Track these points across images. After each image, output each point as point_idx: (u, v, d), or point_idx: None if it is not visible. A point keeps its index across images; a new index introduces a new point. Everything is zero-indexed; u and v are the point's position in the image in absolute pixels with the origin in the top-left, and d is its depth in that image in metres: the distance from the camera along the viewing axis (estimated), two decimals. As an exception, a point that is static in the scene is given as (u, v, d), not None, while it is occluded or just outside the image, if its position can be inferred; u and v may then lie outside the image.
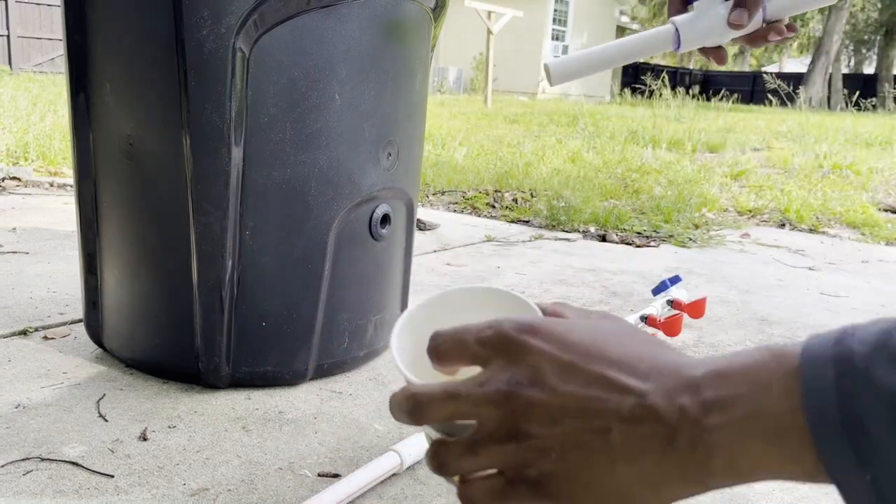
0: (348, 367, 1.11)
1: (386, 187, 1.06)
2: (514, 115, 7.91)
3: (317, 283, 1.01)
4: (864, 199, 3.29)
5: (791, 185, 3.65)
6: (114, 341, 1.09)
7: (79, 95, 1.00)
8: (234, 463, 0.84)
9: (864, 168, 4.28)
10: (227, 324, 0.99)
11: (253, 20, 0.89)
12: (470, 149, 4.41)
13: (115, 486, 0.78)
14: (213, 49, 0.88)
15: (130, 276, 1.03)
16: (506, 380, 0.34)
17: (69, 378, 1.04)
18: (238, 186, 0.94)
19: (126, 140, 0.97)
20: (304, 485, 0.80)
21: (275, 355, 1.02)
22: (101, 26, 0.96)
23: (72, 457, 0.83)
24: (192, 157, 0.92)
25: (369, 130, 1.01)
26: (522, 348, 0.34)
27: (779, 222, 2.83)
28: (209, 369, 1.00)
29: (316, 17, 0.92)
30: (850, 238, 2.63)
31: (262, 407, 0.98)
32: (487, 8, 9.53)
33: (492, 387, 0.34)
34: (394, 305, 1.17)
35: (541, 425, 0.33)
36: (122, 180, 1.01)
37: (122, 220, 1.02)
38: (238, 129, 0.92)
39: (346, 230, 1.02)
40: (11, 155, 3.11)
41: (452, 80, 14.52)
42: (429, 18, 1.09)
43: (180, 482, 0.79)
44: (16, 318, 1.26)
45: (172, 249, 0.98)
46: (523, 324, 0.35)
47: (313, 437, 0.91)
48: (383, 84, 1.01)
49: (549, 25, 15.60)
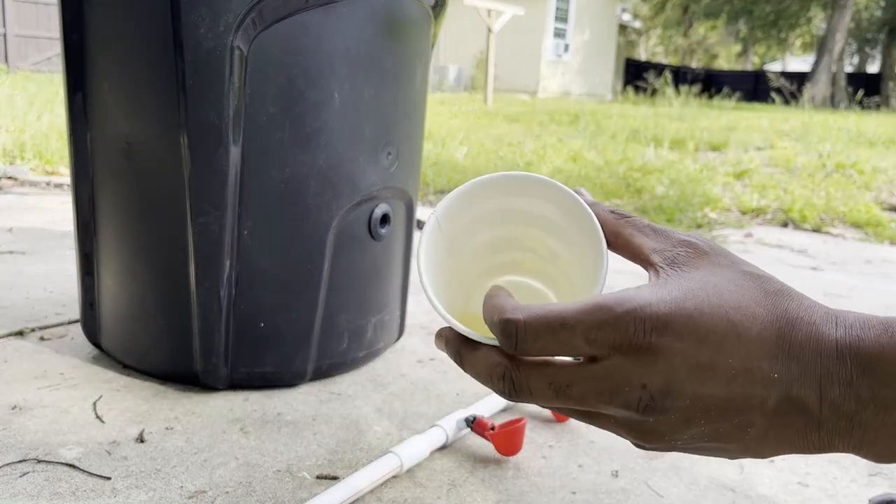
0: (348, 368, 1.10)
1: (385, 187, 1.05)
2: (515, 113, 7.90)
3: (316, 283, 1.01)
4: (868, 199, 3.28)
5: (794, 184, 3.64)
6: (111, 342, 1.08)
7: (76, 94, 1.00)
8: (231, 465, 0.83)
9: (867, 167, 4.26)
10: (226, 324, 0.98)
11: (251, 18, 0.88)
12: (470, 148, 4.40)
13: (112, 489, 0.77)
14: (211, 47, 0.87)
15: (128, 277, 1.02)
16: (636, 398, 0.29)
17: (66, 379, 1.03)
18: (236, 186, 0.93)
19: (123, 139, 0.96)
20: (302, 487, 0.79)
21: (273, 356, 1.01)
22: (98, 25, 0.96)
23: (68, 458, 0.82)
24: (190, 156, 0.91)
25: (369, 129, 1.00)
26: (651, 351, 0.29)
27: (782, 222, 2.82)
28: (207, 370, 0.99)
29: (315, 14, 0.91)
30: (853, 238, 2.61)
31: (260, 408, 0.97)
32: (488, 6, 9.51)
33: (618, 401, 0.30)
34: (393, 306, 1.16)
35: (673, 429, 0.30)
36: (120, 180, 1.00)
37: (119, 220, 1.01)
38: (236, 129, 0.91)
39: (345, 230, 1.02)
40: (8, 154, 3.10)
41: (453, 78, 14.51)
42: (429, 16, 1.08)
43: (177, 484, 0.78)
44: (12, 318, 1.25)
45: (170, 249, 0.97)
46: (651, 320, 0.29)
47: (312, 438, 0.90)
48: (383, 83, 1.00)
49: (550, 23, 15.58)
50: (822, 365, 0.29)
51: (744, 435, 0.30)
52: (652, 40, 27.79)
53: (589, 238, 0.36)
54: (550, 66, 15.65)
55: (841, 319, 0.30)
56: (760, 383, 0.29)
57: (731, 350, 0.29)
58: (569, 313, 0.30)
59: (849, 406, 0.29)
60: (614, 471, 0.86)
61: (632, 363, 0.29)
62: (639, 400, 0.29)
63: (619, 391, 0.30)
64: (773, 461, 0.91)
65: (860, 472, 0.89)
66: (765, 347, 0.29)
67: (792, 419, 0.30)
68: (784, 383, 0.29)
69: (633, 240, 0.35)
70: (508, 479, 0.83)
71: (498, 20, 9.69)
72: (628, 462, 0.88)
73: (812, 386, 0.29)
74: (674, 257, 0.33)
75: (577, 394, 0.30)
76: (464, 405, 1.00)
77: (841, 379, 0.29)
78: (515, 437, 0.86)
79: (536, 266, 0.42)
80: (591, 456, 0.90)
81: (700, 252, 0.33)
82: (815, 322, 0.30)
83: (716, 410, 0.29)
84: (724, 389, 0.29)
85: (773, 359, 0.29)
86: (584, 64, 16.91)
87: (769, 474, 0.88)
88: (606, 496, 0.81)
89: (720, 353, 0.29)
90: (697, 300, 0.30)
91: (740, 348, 0.29)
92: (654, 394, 0.29)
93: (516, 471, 0.85)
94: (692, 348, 0.29)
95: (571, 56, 16.40)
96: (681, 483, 0.84)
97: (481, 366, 0.33)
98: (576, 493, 0.81)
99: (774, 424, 0.30)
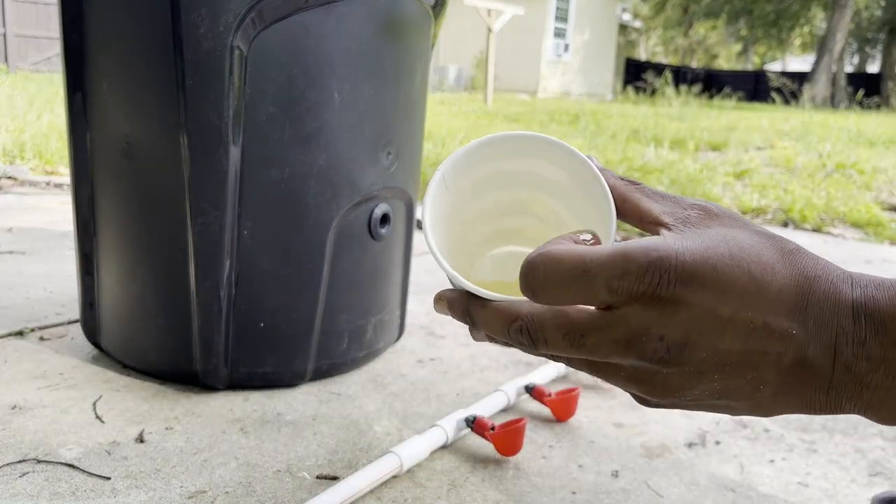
0: (347, 368, 1.10)
1: (385, 187, 1.05)
2: (515, 113, 7.89)
3: (316, 283, 1.01)
4: (868, 199, 3.27)
5: (794, 184, 3.64)
6: (111, 342, 1.08)
7: (76, 94, 1.00)
8: (231, 465, 0.83)
9: (868, 167, 4.26)
10: (225, 324, 0.98)
11: (251, 18, 0.88)
12: (471, 147, 4.39)
13: (112, 489, 0.77)
14: (210, 47, 0.87)
15: (128, 277, 1.02)
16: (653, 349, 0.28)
17: (66, 379, 1.03)
18: (236, 186, 0.93)
19: (123, 139, 0.96)
20: (302, 487, 0.79)
21: (273, 356, 1.01)
22: (98, 25, 0.96)
23: (68, 459, 0.82)
24: (190, 156, 0.91)
25: (369, 129, 1.00)
26: (673, 302, 0.28)
27: (782, 222, 2.82)
28: (207, 370, 0.99)
29: (315, 14, 0.91)
30: (853, 238, 2.61)
31: (260, 408, 0.97)
32: (488, 6, 9.50)
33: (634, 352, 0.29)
34: (393, 306, 1.16)
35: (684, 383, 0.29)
36: (120, 180, 1.00)
37: (119, 220, 1.01)
38: (236, 129, 0.91)
39: (345, 230, 1.02)
40: (8, 154, 3.10)
41: (453, 78, 14.51)
42: (429, 16, 1.08)
43: (177, 484, 0.78)
44: (12, 318, 1.25)
45: (170, 249, 0.97)
46: (676, 270, 0.28)
47: (312, 438, 0.90)
48: (383, 82, 1.00)
49: (550, 23, 15.58)
50: (838, 323, 0.29)
51: (755, 392, 0.30)
52: (652, 40, 27.78)
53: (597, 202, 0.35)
54: (550, 65, 15.65)
55: (857, 279, 0.30)
56: (778, 339, 0.29)
57: (751, 304, 0.29)
58: (592, 260, 0.29)
59: (860, 367, 0.29)
60: (614, 471, 0.86)
61: (651, 314, 0.29)
62: (655, 351, 0.29)
63: (636, 342, 0.29)
64: (772, 461, 0.91)
65: (860, 472, 0.89)
66: (784, 303, 0.29)
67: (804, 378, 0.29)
68: (800, 340, 0.29)
69: (641, 204, 0.34)
70: (508, 479, 0.83)
71: (498, 20, 9.68)
72: (628, 462, 0.88)
73: (827, 345, 0.29)
74: (686, 217, 0.32)
75: (591, 343, 0.30)
76: (464, 405, 1.00)
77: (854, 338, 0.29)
78: (515, 437, 0.86)
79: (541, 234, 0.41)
80: (591, 456, 0.89)
81: (712, 214, 0.33)
82: (833, 280, 0.30)
83: (731, 365, 0.29)
84: (741, 344, 0.29)
85: (791, 315, 0.29)
86: (584, 64, 16.90)
87: (769, 474, 0.88)
88: (606, 496, 0.81)
89: (741, 307, 0.28)
90: (719, 252, 0.29)
91: (761, 302, 0.29)
92: (671, 346, 0.28)
93: (516, 471, 0.85)
94: (714, 300, 0.28)
95: (571, 56, 16.40)
96: (681, 483, 0.84)
97: (495, 321, 0.32)
98: (576, 493, 0.81)
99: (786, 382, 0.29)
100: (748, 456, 0.92)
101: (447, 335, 1.29)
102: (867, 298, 0.29)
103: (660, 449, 0.92)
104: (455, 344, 1.25)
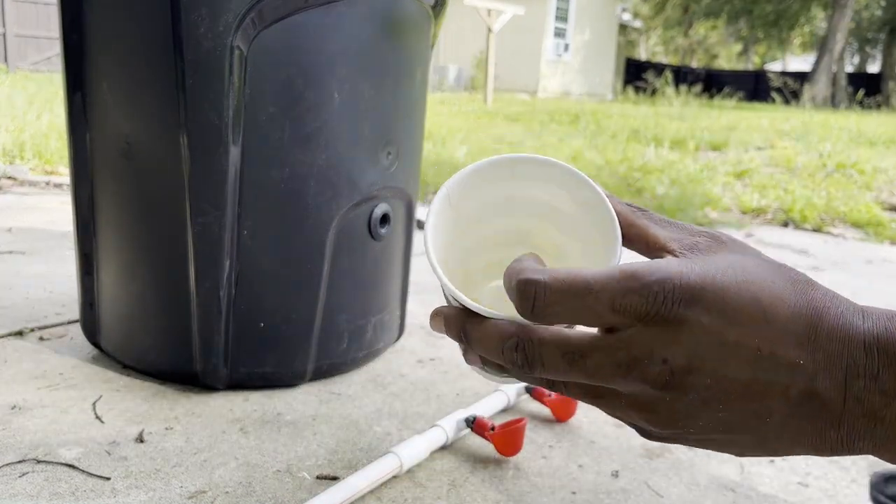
0: (347, 368, 1.10)
1: (385, 186, 1.05)
2: (515, 113, 7.89)
3: (316, 283, 1.01)
4: (869, 199, 3.27)
5: (795, 184, 3.63)
6: (110, 342, 1.08)
7: (75, 94, 1.00)
8: (231, 465, 0.83)
9: (868, 167, 4.26)
10: (225, 324, 0.98)
11: (251, 18, 0.88)
12: (470, 148, 4.40)
13: (112, 489, 0.77)
14: (210, 47, 0.87)
15: (127, 277, 1.02)
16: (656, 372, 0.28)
17: (65, 379, 1.03)
18: (236, 186, 0.93)
19: (123, 139, 0.96)
20: (302, 487, 0.79)
21: (273, 356, 1.01)
22: (98, 25, 0.96)
23: (68, 459, 0.82)
24: (190, 156, 0.91)
25: (369, 129, 1.00)
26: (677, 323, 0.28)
27: (782, 222, 2.82)
28: (207, 370, 0.99)
29: (315, 14, 0.91)
30: (854, 238, 2.61)
31: (260, 408, 0.97)
32: (488, 6, 9.50)
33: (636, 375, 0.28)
34: (393, 306, 1.16)
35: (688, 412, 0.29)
36: (120, 180, 1.00)
37: (119, 220, 1.01)
38: (236, 128, 0.91)
39: (345, 230, 1.01)
40: (7, 154, 3.10)
41: (452, 78, 14.50)
42: (429, 16, 1.08)
43: (177, 484, 0.78)
44: (12, 318, 1.25)
45: (170, 249, 0.97)
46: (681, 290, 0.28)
47: (312, 438, 0.90)
48: (383, 82, 1.00)
49: (550, 23, 15.57)
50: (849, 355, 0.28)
51: (760, 424, 0.29)
52: (652, 40, 27.78)
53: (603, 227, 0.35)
54: (550, 65, 15.64)
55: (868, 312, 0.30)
56: (785, 369, 0.28)
57: (758, 332, 0.28)
58: (595, 278, 0.28)
59: (873, 400, 0.28)
60: (614, 471, 0.86)
61: (654, 335, 0.28)
62: (658, 374, 0.28)
63: (638, 364, 0.28)
64: (773, 461, 0.91)
65: (860, 473, 0.89)
66: (792, 334, 0.28)
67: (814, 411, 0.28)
68: (809, 372, 0.28)
69: (648, 230, 0.34)
70: (508, 479, 0.83)
71: (498, 20, 9.68)
72: (628, 462, 0.88)
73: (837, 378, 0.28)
74: (693, 244, 0.32)
75: (592, 365, 0.29)
76: (464, 405, 1.00)
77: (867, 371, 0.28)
78: (515, 437, 0.86)
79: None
80: (591, 456, 0.89)
81: (720, 242, 0.32)
82: (843, 313, 0.29)
83: (736, 394, 0.28)
84: (747, 372, 0.28)
85: (799, 346, 0.28)
86: (585, 64, 16.90)
87: (769, 474, 0.88)
88: (606, 496, 0.81)
89: (747, 334, 0.28)
90: (727, 277, 0.29)
91: (768, 331, 0.28)
92: (674, 369, 0.28)
93: (516, 471, 0.85)
94: (719, 325, 0.28)
95: (571, 56, 16.39)
96: (681, 483, 0.84)
97: (490, 339, 0.31)
98: (576, 493, 0.81)
99: (794, 415, 0.29)
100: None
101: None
102: (880, 331, 0.29)
103: (660, 449, 0.92)
104: (455, 344, 1.25)
